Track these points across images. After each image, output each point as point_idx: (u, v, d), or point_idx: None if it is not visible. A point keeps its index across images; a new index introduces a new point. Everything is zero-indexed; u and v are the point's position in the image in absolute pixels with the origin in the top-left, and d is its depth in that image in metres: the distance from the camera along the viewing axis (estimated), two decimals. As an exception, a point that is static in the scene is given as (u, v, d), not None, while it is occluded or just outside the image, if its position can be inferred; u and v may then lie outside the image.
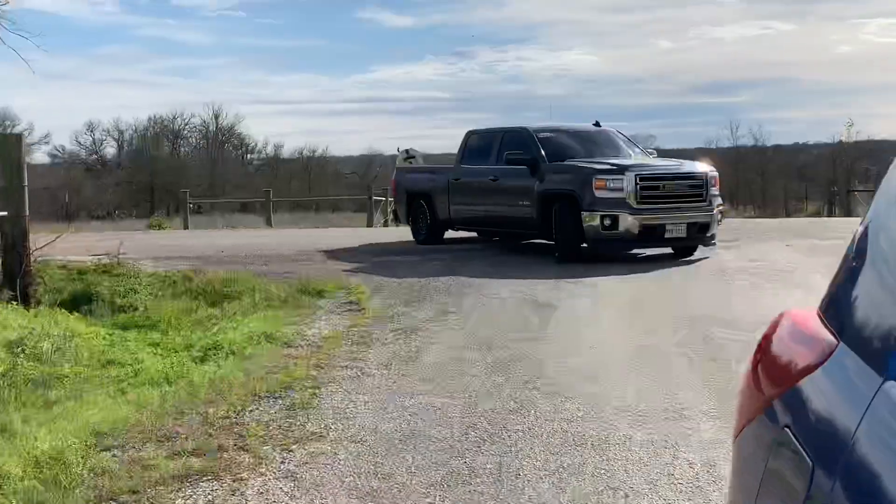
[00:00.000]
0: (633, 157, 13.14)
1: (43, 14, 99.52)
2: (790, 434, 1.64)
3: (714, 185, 12.20)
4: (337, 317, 8.72)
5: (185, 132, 75.37)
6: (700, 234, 11.88)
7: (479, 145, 14.00)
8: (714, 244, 12.26)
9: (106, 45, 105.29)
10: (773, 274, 10.52)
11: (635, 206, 11.36)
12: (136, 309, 11.31)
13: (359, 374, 6.09)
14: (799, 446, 1.58)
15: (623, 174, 11.52)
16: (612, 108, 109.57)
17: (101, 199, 68.01)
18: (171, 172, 68.54)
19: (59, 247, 15.80)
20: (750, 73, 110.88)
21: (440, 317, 8.21)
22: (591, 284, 9.96)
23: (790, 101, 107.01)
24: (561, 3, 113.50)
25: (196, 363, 6.80)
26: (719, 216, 12.30)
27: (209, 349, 7.06)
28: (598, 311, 8.21)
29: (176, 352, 7.67)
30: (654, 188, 11.62)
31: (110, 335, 8.42)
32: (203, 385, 5.84)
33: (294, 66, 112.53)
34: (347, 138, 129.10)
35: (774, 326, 2.08)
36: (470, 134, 14.45)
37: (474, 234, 14.66)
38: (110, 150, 74.61)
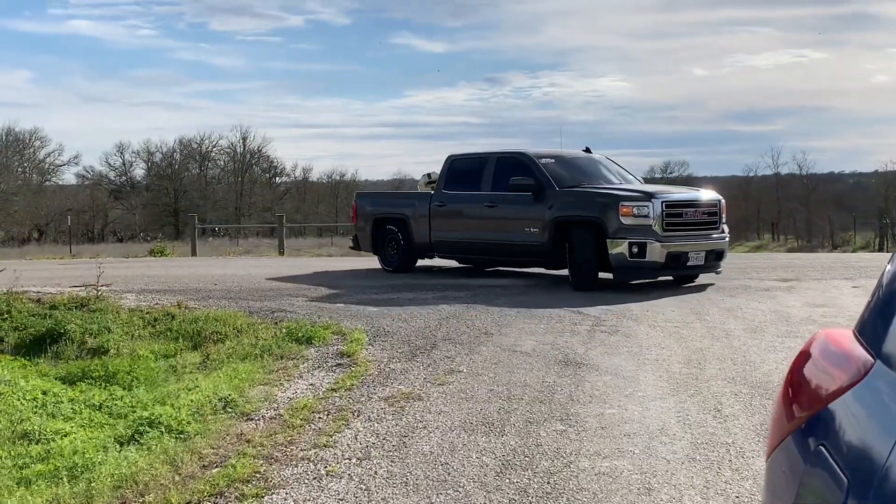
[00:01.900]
0: (640, 184, 12.94)
1: (83, 38, 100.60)
2: (825, 451, 1.67)
3: (723, 212, 12.06)
4: (322, 373, 7.15)
5: (213, 154, 74.64)
6: (714, 262, 11.71)
7: (466, 170, 13.33)
8: (720, 271, 11.95)
9: (143, 68, 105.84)
10: (848, 325, 8.81)
11: (661, 233, 11.04)
12: (106, 351, 9.89)
13: (322, 472, 4.49)
14: (834, 464, 1.60)
15: (650, 201, 11.13)
16: (643, 135, 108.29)
17: (129, 221, 67.37)
18: (197, 195, 67.74)
19: (39, 277, 14.45)
20: (784, 102, 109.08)
21: (445, 378, 6.61)
22: (632, 335, 8.32)
23: (824, 130, 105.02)
24: (594, 29, 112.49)
25: (122, 444, 5.25)
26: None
27: (146, 423, 5.51)
28: (644, 377, 6.55)
29: (114, 419, 6.17)
30: (679, 215, 11.32)
31: (44, 394, 6.91)
32: (107, 488, 4.28)
33: (328, 90, 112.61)
34: (379, 162, 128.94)
35: (809, 346, 2.14)
36: (452, 159, 13.68)
37: (450, 262, 14.00)
38: (140, 171, 74.13)
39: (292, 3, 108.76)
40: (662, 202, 11.13)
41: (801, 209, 52.31)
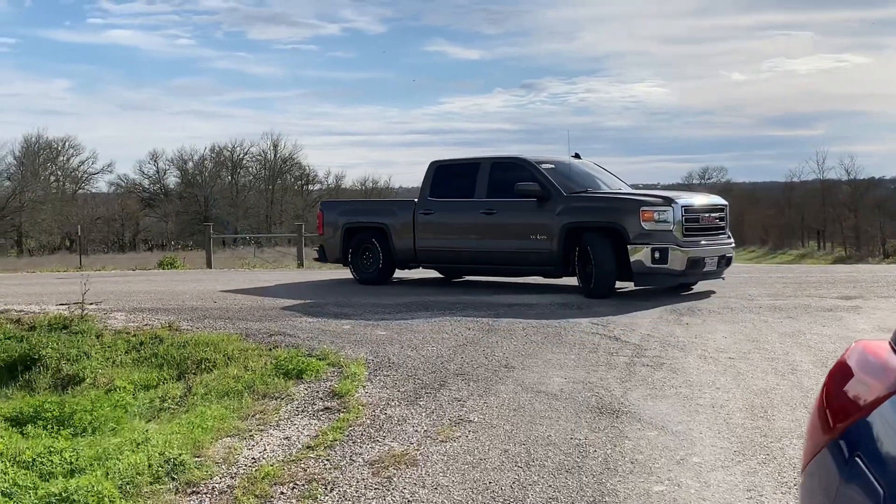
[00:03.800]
0: (630, 189, 12.78)
1: (121, 47, 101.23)
2: (861, 462, 1.67)
3: (728, 217, 11.98)
4: (304, 420, 5.93)
5: (245, 162, 74.13)
6: (722, 268, 11.54)
7: (455, 177, 12.79)
8: (724, 278, 11.78)
9: (180, 77, 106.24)
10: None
11: (681, 238, 10.80)
12: (81, 381, 8.83)
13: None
14: (869, 475, 1.61)
15: (670, 205, 10.85)
16: (681, 140, 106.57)
17: (161, 229, 66.93)
18: (227, 202, 67.14)
19: (28, 293, 13.43)
20: (823, 106, 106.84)
21: (451, 431, 5.35)
22: (679, 369, 7.01)
23: (864, 135, 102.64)
24: (631, 34, 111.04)
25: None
26: None
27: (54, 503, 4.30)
28: (700, 432, 5.23)
29: (43, 481, 5.00)
30: (696, 220, 11.10)
31: (-30, 445, 5.75)
32: None
33: (363, 98, 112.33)
34: (414, 169, 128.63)
35: (845, 356, 2.13)
36: (437, 165, 13.04)
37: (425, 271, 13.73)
38: (174, 179, 73.80)
39: (328, 12, 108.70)
40: (683, 207, 10.89)
41: (849, 216, 50.04)
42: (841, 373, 2.07)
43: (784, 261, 61.01)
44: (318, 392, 6.70)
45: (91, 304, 11.42)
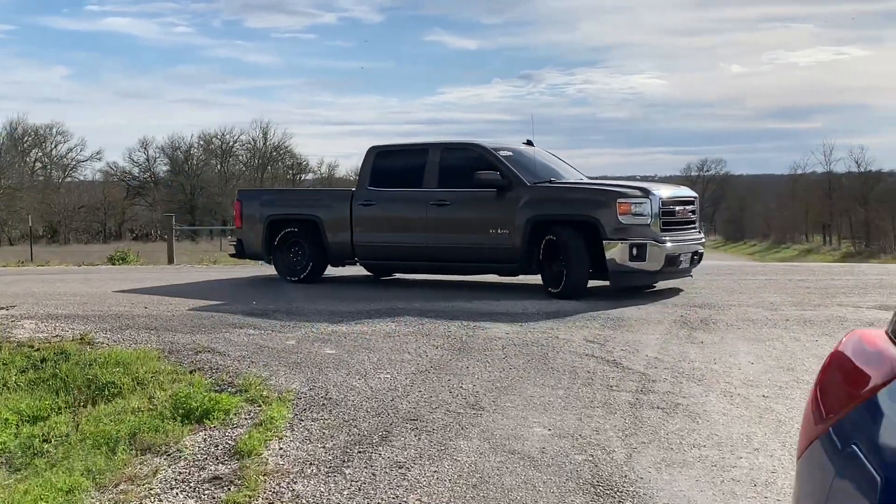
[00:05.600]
0: (588, 179, 11.88)
1: (119, 35, 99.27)
2: (857, 451, 1.64)
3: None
4: (178, 499, 4.21)
5: (235, 150, 72.38)
6: (694, 265, 10.73)
7: (400, 165, 11.60)
8: (692, 276, 10.96)
9: (179, 65, 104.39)
10: None
11: (659, 233, 9.94)
12: (-42, 409, 7.17)
13: None
14: (866, 463, 1.58)
15: (647, 197, 9.93)
16: (680, 133, 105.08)
17: (150, 218, 65.15)
18: (216, 191, 65.43)
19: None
20: (823, 99, 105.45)
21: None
22: (700, 415, 5.31)
23: (865, 128, 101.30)
24: (631, 26, 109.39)
25: None
26: None
27: None
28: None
29: None
30: (672, 213, 10.26)
31: None
32: None
33: (362, 87, 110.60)
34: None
35: (839, 347, 2.08)
36: (377, 152, 11.79)
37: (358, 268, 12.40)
38: (164, 167, 72.03)
39: (325, 1, 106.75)
40: (660, 199, 10.04)
41: (858, 210, 48.24)
42: (837, 363, 2.02)
43: (788, 256, 59.24)
44: (216, 447, 4.98)
45: (1, 308, 9.75)
